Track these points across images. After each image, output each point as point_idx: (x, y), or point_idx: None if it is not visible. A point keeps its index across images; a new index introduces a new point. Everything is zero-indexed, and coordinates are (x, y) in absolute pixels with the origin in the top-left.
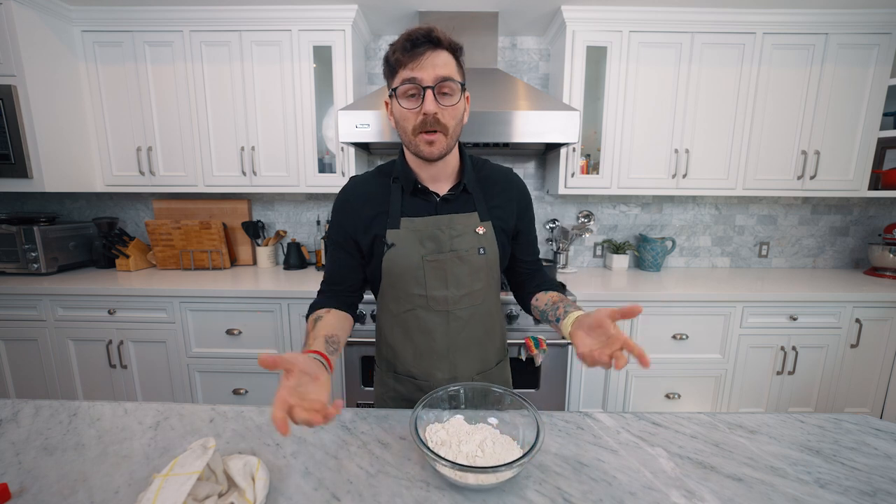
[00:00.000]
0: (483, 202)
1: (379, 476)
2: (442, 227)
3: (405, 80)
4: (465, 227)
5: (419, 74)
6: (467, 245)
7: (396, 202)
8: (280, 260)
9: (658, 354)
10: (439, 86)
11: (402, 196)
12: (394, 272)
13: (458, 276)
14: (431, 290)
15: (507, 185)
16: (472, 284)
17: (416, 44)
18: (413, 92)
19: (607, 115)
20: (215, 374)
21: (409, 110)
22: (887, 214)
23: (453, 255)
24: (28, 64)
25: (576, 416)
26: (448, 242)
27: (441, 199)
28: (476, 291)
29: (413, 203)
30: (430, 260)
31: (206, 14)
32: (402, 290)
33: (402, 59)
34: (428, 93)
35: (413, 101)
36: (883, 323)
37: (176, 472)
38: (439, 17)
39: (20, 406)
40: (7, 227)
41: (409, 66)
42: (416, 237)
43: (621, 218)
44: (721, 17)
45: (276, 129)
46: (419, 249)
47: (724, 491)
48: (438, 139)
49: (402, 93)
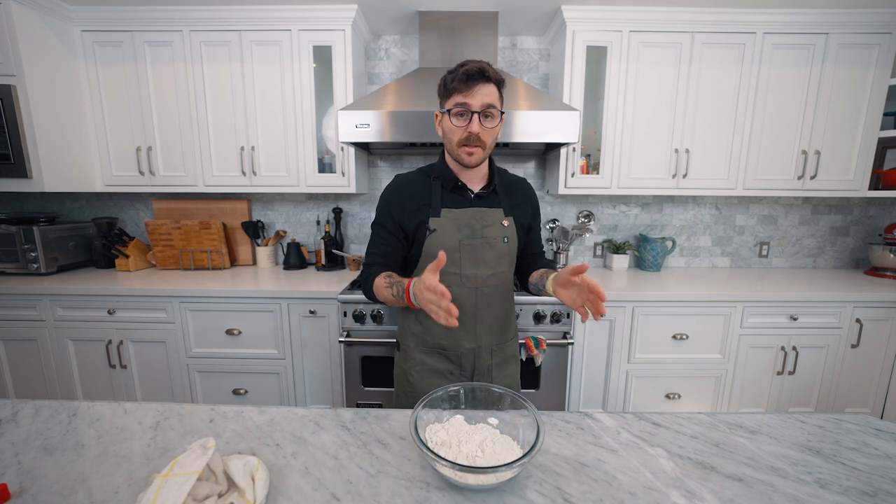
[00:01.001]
0: (507, 202)
1: (379, 476)
2: (476, 218)
3: (458, 103)
4: (493, 219)
5: (470, 101)
6: (495, 234)
7: (437, 196)
8: (280, 260)
9: (658, 354)
10: (484, 111)
11: (441, 192)
12: (433, 253)
13: (487, 259)
14: (465, 269)
15: (524, 192)
16: (497, 266)
17: (471, 77)
18: (462, 112)
19: (607, 115)
20: (215, 374)
21: (459, 127)
22: (888, 214)
23: (483, 242)
24: (28, 64)
25: (576, 416)
26: (480, 230)
27: (475, 196)
28: (499, 273)
29: (451, 197)
30: (465, 244)
31: (206, 14)
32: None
33: (458, 87)
34: (475, 117)
35: (462, 120)
36: (883, 323)
37: (176, 472)
38: (440, 16)
39: (20, 406)
40: (7, 227)
41: (463, 94)
42: (454, 224)
43: (621, 218)
44: (721, 17)
45: (276, 129)
46: (457, 235)
47: (724, 491)
48: (477, 152)
49: (454, 113)
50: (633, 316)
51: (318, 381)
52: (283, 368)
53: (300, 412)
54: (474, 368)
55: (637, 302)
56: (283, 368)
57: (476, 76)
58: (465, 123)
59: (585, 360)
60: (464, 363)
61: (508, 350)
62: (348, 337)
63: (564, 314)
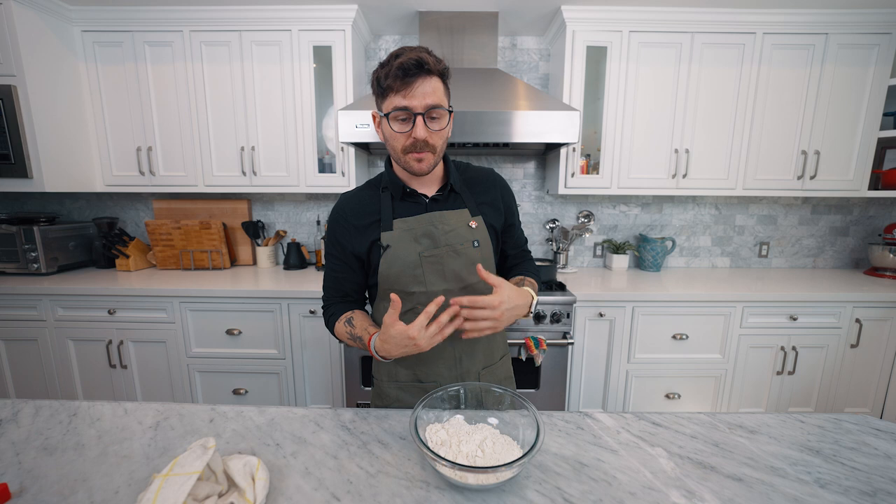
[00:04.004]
0: (472, 199)
1: (379, 476)
2: (435, 223)
3: (397, 107)
4: (457, 222)
5: (411, 103)
6: (461, 239)
7: (387, 208)
8: (280, 260)
9: (658, 354)
10: (429, 112)
11: (392, 202)
12: (392, 273)
13: (456, 270)
14: (431, 286)
15: (491, 184)
16: (470, 278)
17: (408, 73)
18: (404, 117)
19: (607, 115)
20: (215, 374)
21: (401, 133)
22: (887, 214)
23: (449, 249)
24: (28, 64)
25: (576, 416)
26: (443, 237)
27: (430, 200)
28: (474, 285)
29: (404, 206)
30: (426, 256)
31: (206, 14)
32: (401, 291)
33: (393, 85)
34: (419, 119)
35: (404, 125)
36: (883, 323)
37: (176, 472)
38: (439, 17)
39: (20, 406)
40: (7, 227)
41: (402, 94)
42: (410, 235)
43: (621, 218)
44: (721, 17)
45: (276, 129)
46: (415, 247)
47: (724, 491)
48: (426, 157)
49: (393, 117)
50: (632, 316)
51: (318, 381)
52: (283, 368)
53: (300, 412)
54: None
55: (637, 302)
56: (283, 368)
57: (414, 70)
58: (407, 129)
59: (585, 360)
60: None
61: (500, 372)
62: None
63: (564, 314)
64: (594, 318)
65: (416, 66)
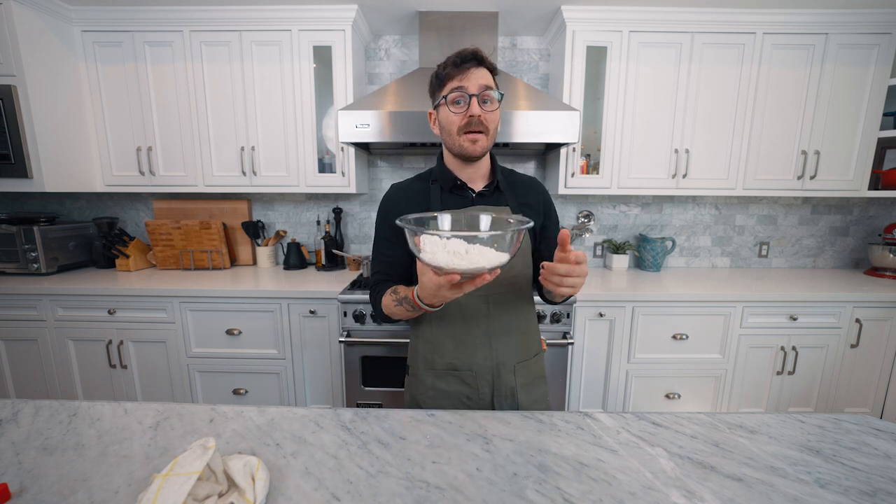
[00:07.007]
0: (514, 199)
1: (379, 476)
2: None
3: (454, 88)
4: None
5: (466, 84)
6: None
7: (437, 199)
8: (280, 260)
9: (658, 354)
10: (482, 94)
11: (440, 194)
12: None
13: None
14: None
15: (534, 189)
16: (508, 270)
17: (465, 60)
18: (460, 99)
19: (607, 115)
20: (215, 374)
21: (457, 114)
22: (887, 214)
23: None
24: (28, 64)
25: (576, 416)
26: None
27: (477, 195)
28: (512, 275)
29: (452, 199)
30: None
31: (206, 14)
32: None
33: (451, 72)
34: (473, 100)
35: (459, 107)
36: (883, 323)
37: (176, 472)
38: (439, 16)
39: (20, 406)
40: (7, 227)
41: (458, 78)
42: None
43: (621, 218)
44: (721, 17)
45: (276, 129)
46: None
47: (724, 491)
48: (481, 139)
49: (451, 100)
50: (633, 316)
51: (318, 381)
52: (283, 368)
53: (300, 412)
54: (493, 390)
55: (637, 302)
56: (283, 368)
57: (470, 59)
58: (463, 109)
59: (585, 360)
60: (481, 385)
61: (534, 369)
62: (348, 337)
63: (564, 314)
64: (594, 318)
65: (470, 56)
